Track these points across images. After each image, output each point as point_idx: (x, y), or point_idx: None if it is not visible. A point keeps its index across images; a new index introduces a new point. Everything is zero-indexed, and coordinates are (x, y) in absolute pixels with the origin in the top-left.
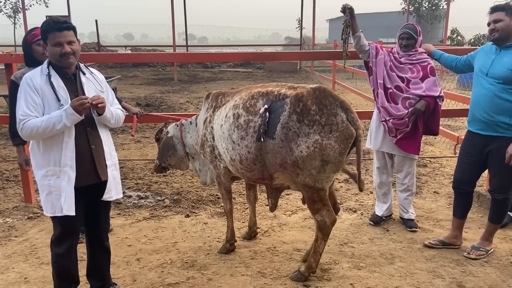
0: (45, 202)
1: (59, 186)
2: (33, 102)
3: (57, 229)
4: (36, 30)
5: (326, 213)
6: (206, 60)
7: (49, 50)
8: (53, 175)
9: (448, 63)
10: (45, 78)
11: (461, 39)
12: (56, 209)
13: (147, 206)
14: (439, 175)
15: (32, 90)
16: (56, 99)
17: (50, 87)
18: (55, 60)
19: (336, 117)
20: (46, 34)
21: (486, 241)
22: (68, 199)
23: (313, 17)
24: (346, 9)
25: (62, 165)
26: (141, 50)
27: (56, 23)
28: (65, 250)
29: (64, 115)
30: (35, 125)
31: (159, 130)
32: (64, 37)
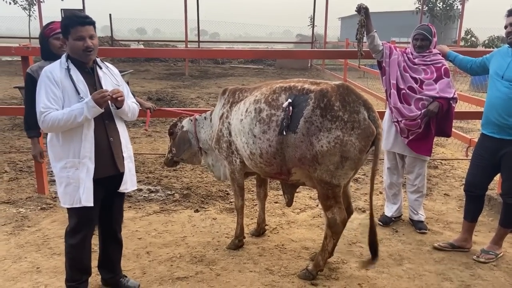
0: (63, 194)
1: (78, 178)
2: (54, 95)
3: (73, 221)
4: (54, 24)
5: (337, 211)
6: (218, 56)
7: (71, 44)
8: (72, 167)
9: (463, 65)
10: (65, 71)
11: (475, 40)
12: (74, 201)
13: (157, 200)
14: (450, 177)
15: (52, 83)
16: (75, 92)
17: (70, 81)
18: (76, 54)
19: (359, 114)
20: (68, 29)
21: (496, 245)
22: (87, 191)
23: (326, 15)
24: (361, 8)
25: (81, 156)
26: (153, 45)
27: (79, 17)
28: (80, 240)
29: (86, 107)
30: (56, 117)
31: (173, 124)
32: (86, 32)
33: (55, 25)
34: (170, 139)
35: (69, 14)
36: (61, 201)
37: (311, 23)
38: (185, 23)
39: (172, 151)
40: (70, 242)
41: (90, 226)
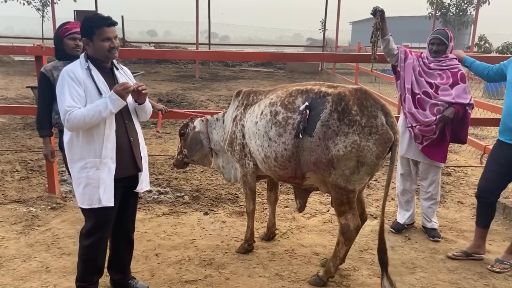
0: (82, 195)
1: (98, 178)
2: (77, 94)
3: (90, 222)
4: (68, 24)
5: (351, 217)
6: (229, 58)
7: (96, 45)
8: (92, 167)
9: (479, 71)
10: (86, 72)
11: (488, 46)
12: (94, 201)
13: (166, 202)
14: (464, 184)
15: (76, 82)
16: (98, 93)
17: (92, 81)
18: (101, 55)
19: (376, 119)
20: (93, 30)
21: (511, 255)
22: (108, 191)
23: (337, 19)
24: (377, 11)
25: (103, 156)
26: (164, 47)
27: (105, 19)
28: (95, 241)
29: (109, 101)
30: (82, 114)
31: (184, 125)
32: (112, 33)
33: (70, 25)
34: (181, 140)
35: (92, 15)
36: (78, 201)
37: (322, 27)
38: (196, 26)
39: (182, 152)
40: (85, 244)
41: (107, 227)
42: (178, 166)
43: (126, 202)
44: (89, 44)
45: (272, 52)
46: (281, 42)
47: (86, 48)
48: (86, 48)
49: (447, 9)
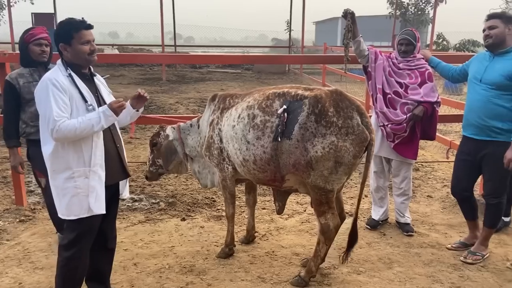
0: (68, 206)
1: (87, 186)
2: (64, 103)
3: (73, 233)
4: (34, 29)
5: (330, 217)
6: (208, 62)
7: (76, 49)
8: (80, 176)
9: (444, 72)
10: (68, 79)
11: (446, 44)
12: (82, 211)
13: (141, 209)
14: (432, 179)
15: (61, 91)
16: (83, 100)
17: (76, 88)
18: (81, 59)
19: (352, 120)
20: (71, 33)
21: (482, 246)
22: (99, 198)
23: (303, 19)
24: (348, 14)
25: (92, 164)
26: (128, 49)
27: (83, 22)
28: (76, 252)
29: (103, 116)
30: (73, 126)
31: (156, 134)
32: (90, 36)
33: (36, 30)
34: (152, 151)
35: (67, 20)
36: (65, 213)
37: (288, 28)
38: (161, 28)
39: (156, 163)
40: (66, 255)
41: (90, 237)
42: (152, 178)
43: (107, 209)
44: (67, 49)
45: (250, 55)
46: (247, 43)
47: (64, 54)
48: (63, 54)
49: (406, 8)
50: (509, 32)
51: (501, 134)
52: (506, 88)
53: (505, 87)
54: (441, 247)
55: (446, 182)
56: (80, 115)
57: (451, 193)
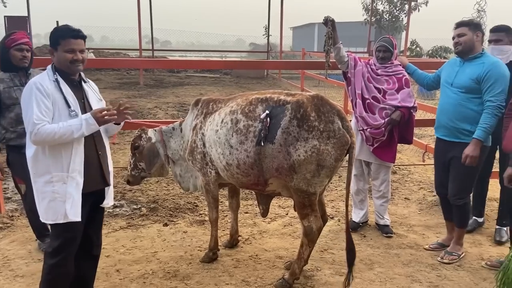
0: (46, 210)
1: (65, 192)
2: (46, 107)
3: (57, 240)
4: (15, 34)
5: (313, 219)
6: (193, 67)
7: (59, 56)
8: (58, 181)
9: (420, 79)
10: (54, 84)
11: (419, 50)
12: (59, 216)
13: (122, 215)
14: (409, 181)
15: (44, 95)
16: (66, 106)
17: (60, 93)
18: (63, 66)
19: (333, 124)
20: (58, 40)
21: (457, 245)
22: (75, 205)
23: (281, 25)
24: (328, 21)
25: (71, 170)
26: (104, 53)
27: (73, 30)
28: (62, 259)
29: (85, 124)
30: (53, 130)
31: (137, 137)
32: (77, 45)
33: (17, 35)
34: (134, 154)
35: (61, 26)
36: (43, 217)
37: (266, 33)
38: (139, 31)
39: (138, 167)
40: (51, 263)
41: (74, 244)
42: (134, 183)
43: (92, 217)
44: (54, 54)
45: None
46: (224, 47)
47: (52, 58)
48: (51, 59)
49: (381, 15)
50: (477, 39)
51: (469, 136)
52: (475, 92)
53: (474, 90)
54: (419, 248)
55: (422, 185)
56: (62, 120)
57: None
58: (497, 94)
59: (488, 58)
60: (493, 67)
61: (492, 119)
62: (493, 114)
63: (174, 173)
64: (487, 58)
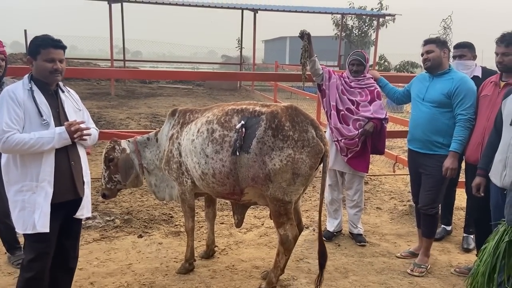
0: (17, 219)
1: (34, 202)
2: (16, 115)
3: (31, 252)
4: None
5: (289, 227)
6: (171, 78)
7: (39, 65)
8: (28, 191)
9: (390, 94)
10: (28, 92)
11: (388, 64)
12: (28, 226)
13: (96, 227)
14: (380, 191)
15: (15, 103)
16: (38, 115)
17: (33, 102)
18: (42, 75)
19: (307, 133)
20: (38, 49)
21: (425, 257)
22: (43, 216)
23: (254, 38)
24: (304, 34)
25: (40, 180)
26: (73, 62)
27: (53, 40)
28: (37, 272)
29: (57, 138)
30: (22, 140)
31: (111, 149)
32: (58, 55)
33: None
34: (109, 167)
35: (42, 36)
36: (15, 226)
37: (239, 45)
38: (110, 42)
39: (113, 179)
40: (27, 276)
41: (48, 256)
42: (110, 196)
43: (68, 229)
44: (33, 63)
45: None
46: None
47: (30, 68)
48: (30, 68)
49: (350, 30)
50: (444, 55)
51: (442, 148)
52: (446, 106)
53: (445, 104)
54: (391, 256)
55: (393, 195)
56: (33, 129)
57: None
58: (467, 108)
59: (457, 74)
60: (462, 82)
61: (465, 131)
62: (466, 126)
63: (149, 183)
64: (455, 73)
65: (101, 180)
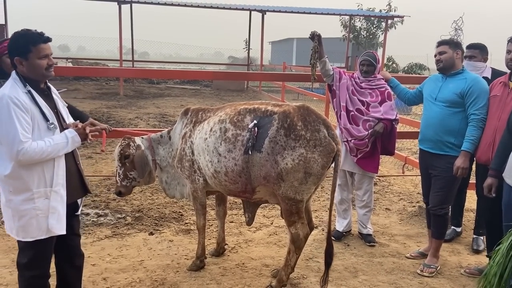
0: (26, 227)
1: (47, 207)
2: (27, 123)
3: (30, 252)
4: (6, 42)
5: (300, 226)
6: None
7: (33, 63)
8: (39, 197)
9: (402, 94)
10: (27, 96)
11: (396, 66)
12: (40, 232)
13: (107, 224)
14: (389, 192)
15: (23, 110)
16: (44, 119)
17: (36, 106)
18: (38, 73)
19: (319, 133)
20: (29, 47)
21: (435, 258)
22: (60, 218)
23: (262, 39)
24: (315, 36)
25: (54, 185)
26: (82, 63)
27: (42, 35)
28: (40, 272)
29: (71, 142)
30: (41, 149)
31: (126, 146)
32: (49, 49)
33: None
34: (124, 164)
35: (25, 32)
36: (20, 235)
37: (246, 46)
38: (119, 42)
39: (129, 176)
40: (29, 275)
41: (49, 255)
42: (126, 193)
43: (69, 226)
44: (23, 63)
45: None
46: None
47: (19, 68)
48: (17, 68)
49: (358, 32)
50: (457, 56)
51: (453, 149)
52: (458, 105)
53: (457, 104)
54: (401, 256)
55: (402, 196)
56: (41, 134)
57: None
58: (480, 107)
59: (470, 74)
60: (475, 82)
61: (478, 131)
62: (478, 126)
63: (161, 179)
64: (468, 74)
65: (116, 178)
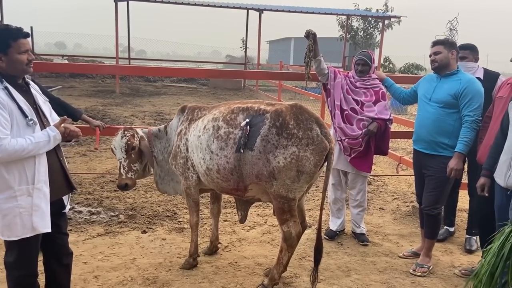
0: (10, 226)
1: (30, 205)
2: (5, 120)
3: (16, 252)
4: None
5: (292, 225)
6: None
7: (13, 59)
8: (22, 195)
9: (396, 94)
10: (5, 92)
11: (392, 66)
12: (25, 230)
13: (100, 222)
14: (383, 192)
15: (0, 107)
16: (22, 115)
17: (14, 102)
18: (17, 69)
19: (312, 131)
20: (9, 42)
21: (427, 257)
22: (44, 216)
23: (259, 38)
24: (310, 34)
25: (36, 182)
26: (78, 60)
27: (20, 30)
28: (28, 271)
29: (52, 140)
30: (21, 146)
31: (131, 136)
32: (28, 45)
33: None
34: (130, 155)
35: (7, 27)
36: (4, 234)
37: (243, 45)
38: (116, 40)
39: (133, 168)
40: (17, 274)
41: (36, 253)
42: (132, 186)
43: (56, 225)
44: (3, 59)
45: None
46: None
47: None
48: None
49: (356, 32)
50: (452, 57)
51: (447, 149)
52: (452, 106)
53: (451, 105)
54: (394, 256)
55: (396, 195)
56: (21, 131)
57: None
58: (474, 109)
59: (464, 75)
60: (470, 83)
61: (472, 132)
62: (472, 128)
63: (155, 172)
64: (463, 75)
65: (120, 170)
